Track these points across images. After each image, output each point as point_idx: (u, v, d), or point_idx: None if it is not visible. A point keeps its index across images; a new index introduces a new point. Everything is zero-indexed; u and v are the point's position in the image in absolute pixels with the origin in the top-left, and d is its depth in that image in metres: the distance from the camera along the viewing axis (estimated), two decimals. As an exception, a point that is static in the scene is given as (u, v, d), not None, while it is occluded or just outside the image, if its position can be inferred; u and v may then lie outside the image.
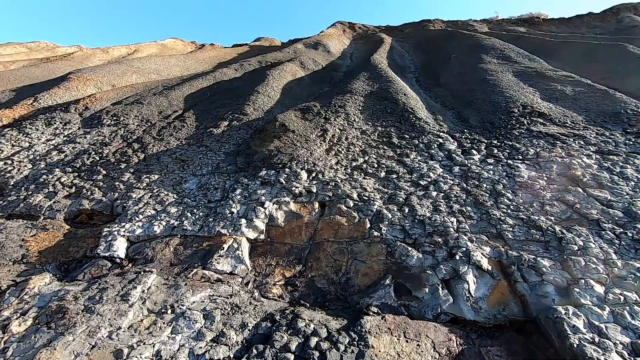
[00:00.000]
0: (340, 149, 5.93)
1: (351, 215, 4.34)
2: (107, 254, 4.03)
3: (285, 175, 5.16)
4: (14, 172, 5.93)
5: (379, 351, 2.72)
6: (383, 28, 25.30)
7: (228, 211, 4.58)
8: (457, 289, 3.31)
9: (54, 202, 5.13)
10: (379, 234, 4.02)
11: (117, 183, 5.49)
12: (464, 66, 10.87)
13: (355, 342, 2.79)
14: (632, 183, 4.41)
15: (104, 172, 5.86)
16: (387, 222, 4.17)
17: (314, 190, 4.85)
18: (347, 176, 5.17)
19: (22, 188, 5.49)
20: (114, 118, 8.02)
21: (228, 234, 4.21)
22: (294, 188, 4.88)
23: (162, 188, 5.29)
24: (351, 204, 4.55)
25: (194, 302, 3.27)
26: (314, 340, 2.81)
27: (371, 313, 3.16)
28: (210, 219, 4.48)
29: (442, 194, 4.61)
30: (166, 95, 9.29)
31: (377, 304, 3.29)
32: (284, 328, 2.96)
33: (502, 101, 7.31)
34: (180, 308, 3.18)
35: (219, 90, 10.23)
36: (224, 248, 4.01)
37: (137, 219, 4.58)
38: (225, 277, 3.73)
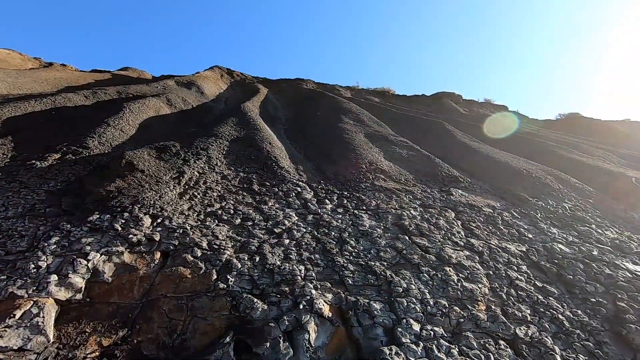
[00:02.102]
0: (196, 194, 5.57)
1: (197, 266, 3.98)
2: None
3: (123, 221, 4.47)
4: None
5: None
6: (261, 79, 26.49)
7: (33, 265, 3.61)
8: (298, 340, 3.27)
9: None
10: (225, 286, 3.75)
11: None
12: (327, 123, 12.08)
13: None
14: (443, 232, 5.40)
15: None
16: (235, 273, 3.96)
17: (157, 239, 4.32)
18: (199, 223, 4.83)
19: None
20: None
21: (27, 296, 3.28)
22: (131, 236, 4.23)
23: None
24: (199, 253, 4.19)
25: (-59, 401, 2.31)
26: None
27: (203, 380, 2.80)
28: (1, 277, 3.44)
29: (294, 242, 4.71)
30: (-26, 115, 7.31)
31: (212, 368, 2.96)
32: (83, 417, 2.33)
33: (354, 157, 8.29)
34: None
35: (58, 117, 8.65)
36: (15, 315, 3.07)
37: None
38: (10, 355, 2.82)
